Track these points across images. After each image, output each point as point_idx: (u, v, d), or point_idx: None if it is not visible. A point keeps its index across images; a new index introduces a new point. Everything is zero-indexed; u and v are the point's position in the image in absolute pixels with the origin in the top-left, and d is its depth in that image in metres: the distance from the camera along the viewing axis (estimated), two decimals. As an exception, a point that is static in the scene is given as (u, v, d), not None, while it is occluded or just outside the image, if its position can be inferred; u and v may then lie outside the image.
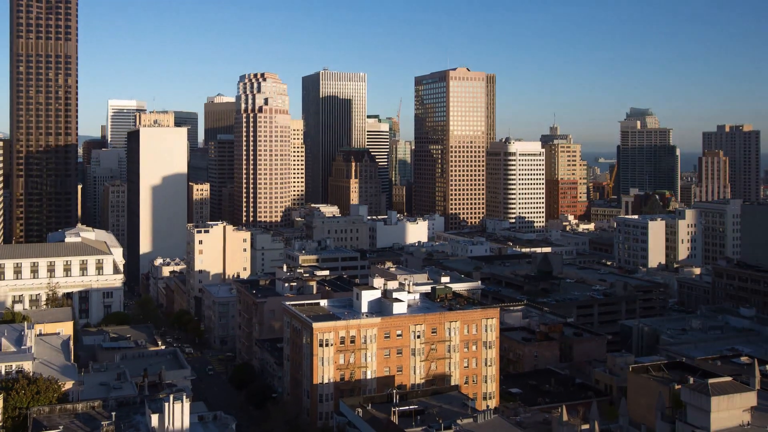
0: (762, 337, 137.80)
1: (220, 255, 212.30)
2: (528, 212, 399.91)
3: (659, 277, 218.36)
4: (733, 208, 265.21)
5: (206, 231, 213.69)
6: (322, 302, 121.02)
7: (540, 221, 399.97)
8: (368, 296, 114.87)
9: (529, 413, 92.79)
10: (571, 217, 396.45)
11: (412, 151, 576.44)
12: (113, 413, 74.78)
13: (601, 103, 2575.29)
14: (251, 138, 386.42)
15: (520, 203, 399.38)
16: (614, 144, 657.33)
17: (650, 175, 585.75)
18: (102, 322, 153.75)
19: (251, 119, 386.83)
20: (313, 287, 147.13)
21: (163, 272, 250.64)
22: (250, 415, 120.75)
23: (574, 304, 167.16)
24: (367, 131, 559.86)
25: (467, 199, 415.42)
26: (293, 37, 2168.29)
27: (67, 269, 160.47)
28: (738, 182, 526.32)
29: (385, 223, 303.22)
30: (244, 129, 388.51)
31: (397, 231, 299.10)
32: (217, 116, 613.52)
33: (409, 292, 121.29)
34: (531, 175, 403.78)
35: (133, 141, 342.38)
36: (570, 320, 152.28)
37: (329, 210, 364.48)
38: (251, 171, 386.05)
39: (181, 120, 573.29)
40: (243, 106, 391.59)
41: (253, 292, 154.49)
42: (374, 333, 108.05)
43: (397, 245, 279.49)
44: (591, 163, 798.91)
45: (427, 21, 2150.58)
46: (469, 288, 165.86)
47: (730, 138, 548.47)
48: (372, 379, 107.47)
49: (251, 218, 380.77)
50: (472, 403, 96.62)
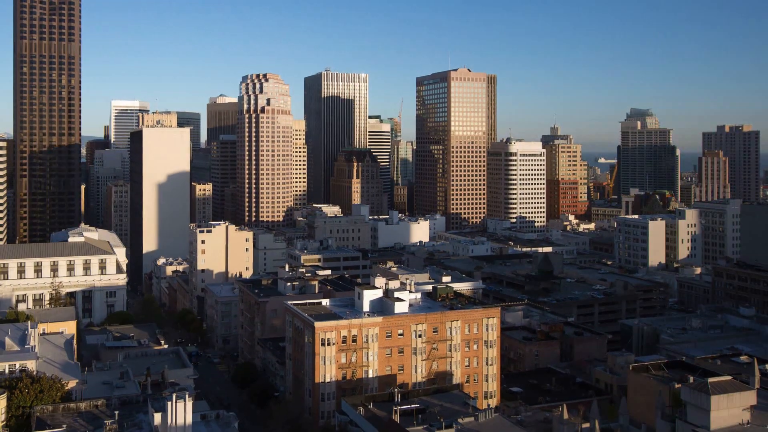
0: (761, 336, 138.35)
1: (223, 255, 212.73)
2: (529, 212, 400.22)
3: (659, 277, 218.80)
4: (733, 208, 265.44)
5: (209, 231, 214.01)
6: (324, 302, 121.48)
7: (541, 221, 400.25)
8: (370, 296, 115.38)
9: (529, 412, 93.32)
10: (571, 217, 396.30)
11: (414, 151, 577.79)
12: (116, 412, 74.95)
13: (602, 104, 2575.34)
14: (253, 138, 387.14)
15: (520, 203, 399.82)
16: (614, 144, 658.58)
17: (650, 175, 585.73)
18: (105, 321, 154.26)
19: (253, 119, 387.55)
20: (315, 287, 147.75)
21: (166, 272, 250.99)
22: (252, 414, 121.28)
23: (574, 303, 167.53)
24: (369, 131, 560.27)
25: (468, 199, 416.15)
26: (295, 38, 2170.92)
27: (71, 269, 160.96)
28: (738, 182, 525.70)
29: (387, 223, 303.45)
30: (247, 129, 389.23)
31: (398, 231, 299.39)
32: (219, 116, 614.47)
33: (410, 291, 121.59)
34: (532, 175, 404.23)
35: (136, 141, 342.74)
36: (570, 319, 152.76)
37: (331, 210, 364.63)
38: (253, 171, 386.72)
39: (183, 120, 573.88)
40: (245, 106, 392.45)
41: (256, 291, 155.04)
42: (376, 332, 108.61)
43: (399, 245, 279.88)
44: (591, 164, 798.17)
45: (429, 22, 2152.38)
46: (470, 287, 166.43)
47: (729, 138, 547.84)
48: (373, 378, 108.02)
49: (253, 218, 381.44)
50: (473, 402, 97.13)
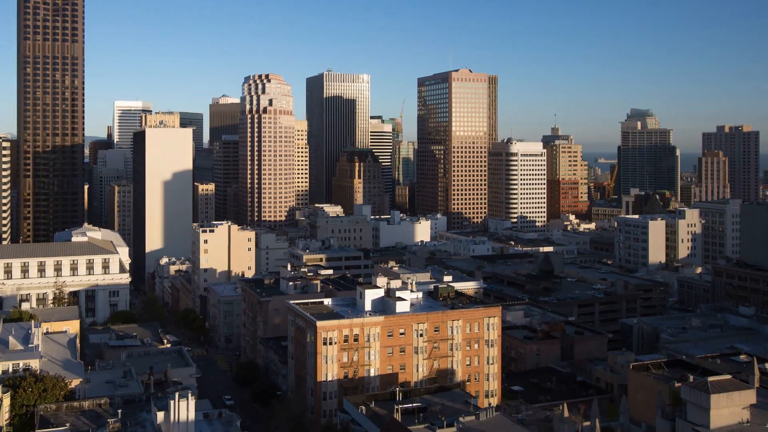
0: (761, 335, 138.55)
1: (225, 254, 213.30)
2: (529, 212, 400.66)
3: (659, 276, 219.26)
4: (733, 207, 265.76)
5: (211, 230, 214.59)
6: (326, 301, 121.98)
7: (541, 221, 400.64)
8: (371, 295, 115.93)
9: (530, 411, 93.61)
10: (572, 217, 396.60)
11: (415, 151, 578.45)
12: (119, 411, 75.19)
13: (602, 104, 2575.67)
14: (256, 138, 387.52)
15: (521, 203, 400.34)
16: (615, 144, 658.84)
17: (650, 175, 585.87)
18: (108, 320, 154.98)
19: (256, 120, 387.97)
20: (317, 286, 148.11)
21: (168, 271, 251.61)
22: (254, 412, 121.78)
23: (575, 302, 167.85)
24: (371, 132, 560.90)
25: (469, 198, 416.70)
26: (297, 39, 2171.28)
27: (74, 268, 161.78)
28: (737, 182, 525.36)
29: (389, 223, 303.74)
30: (249, 129, 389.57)
31: (400, 230, 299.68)
32: (222, 117, 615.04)
33: (411, 291, 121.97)
34: (532, 175, 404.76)
35: (139, 141, 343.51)
36: (571, 319, 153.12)
37: (333, 210, 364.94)
38: (256, 171, 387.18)
39: (186, 120, 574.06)
40: (248, 106, 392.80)
41: (258, 290, 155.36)
42: (377, 331, 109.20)
43: (400, 244, 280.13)
44: (592, 164, 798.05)
45: (430, 23, 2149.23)
46: (471, 287, 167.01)
47: (729, 138, 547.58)
48: (375, 377, 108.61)
49: (256, 218, 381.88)
50: (475, 401, 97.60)
